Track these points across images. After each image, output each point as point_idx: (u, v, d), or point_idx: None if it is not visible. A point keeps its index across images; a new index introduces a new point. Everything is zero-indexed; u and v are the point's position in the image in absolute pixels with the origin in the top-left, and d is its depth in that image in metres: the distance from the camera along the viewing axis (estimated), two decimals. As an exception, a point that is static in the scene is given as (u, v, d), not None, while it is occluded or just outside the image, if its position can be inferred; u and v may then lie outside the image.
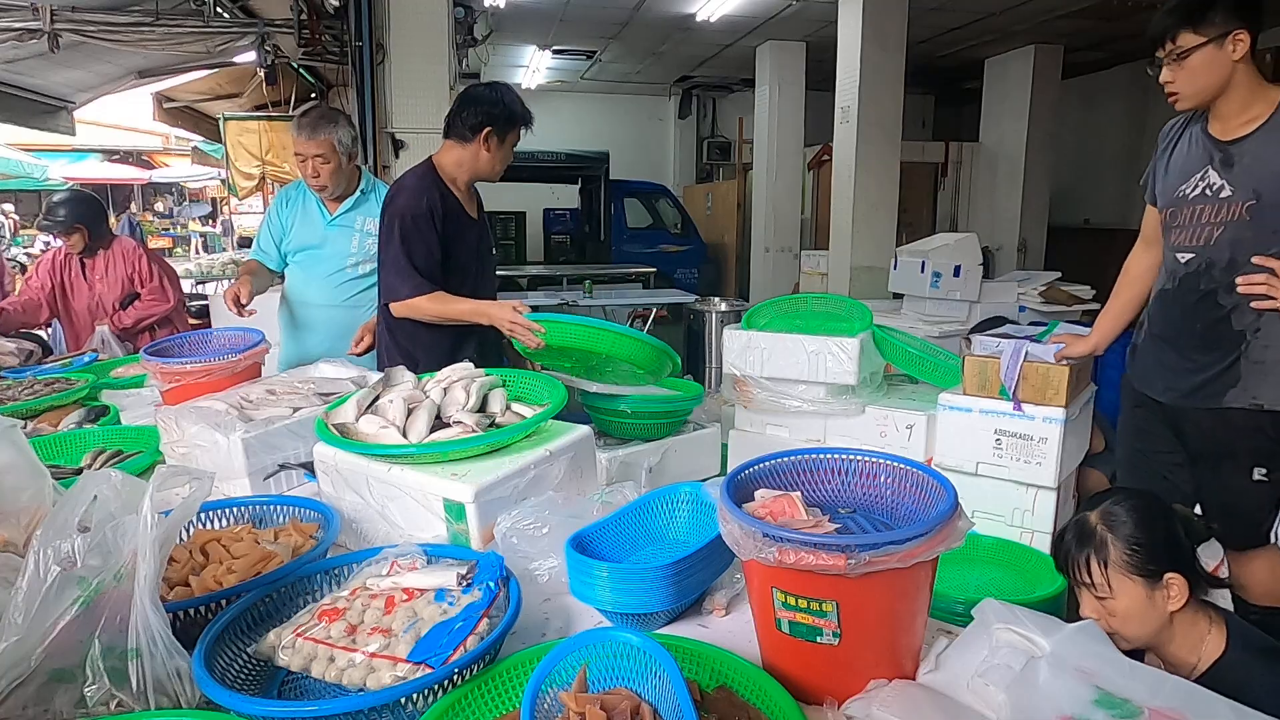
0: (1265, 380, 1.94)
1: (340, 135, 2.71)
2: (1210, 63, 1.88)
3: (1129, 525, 1.41)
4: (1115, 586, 1.39)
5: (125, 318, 3.64)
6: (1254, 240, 1.92)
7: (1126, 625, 1.39)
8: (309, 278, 2.87)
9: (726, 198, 11.58)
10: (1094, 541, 1.42)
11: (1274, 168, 1.87)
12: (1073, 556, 1.45)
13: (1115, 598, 1.39)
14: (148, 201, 15.75)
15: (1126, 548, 1.39)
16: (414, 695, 0.95)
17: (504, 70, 11.09)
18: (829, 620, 0.98)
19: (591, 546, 1.29)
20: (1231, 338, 1.97)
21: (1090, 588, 1.42)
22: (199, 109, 6.37)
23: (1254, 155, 1.91)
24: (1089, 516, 1.46)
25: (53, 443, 2.04)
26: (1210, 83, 1.91)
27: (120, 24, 4.00)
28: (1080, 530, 1.45)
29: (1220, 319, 1.99)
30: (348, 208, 2.83)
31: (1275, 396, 1.93)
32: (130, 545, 1.00)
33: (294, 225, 2.87)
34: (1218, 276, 1.99)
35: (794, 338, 3.12)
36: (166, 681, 0.97)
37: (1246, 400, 1.96)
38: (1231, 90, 1.91)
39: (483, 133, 2.32)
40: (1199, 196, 2.01)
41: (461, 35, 5.91)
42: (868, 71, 6.67)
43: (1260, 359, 1.94)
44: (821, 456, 1.22)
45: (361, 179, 2.87)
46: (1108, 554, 1.40)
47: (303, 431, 1.74)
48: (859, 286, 6.71)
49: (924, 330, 4.36)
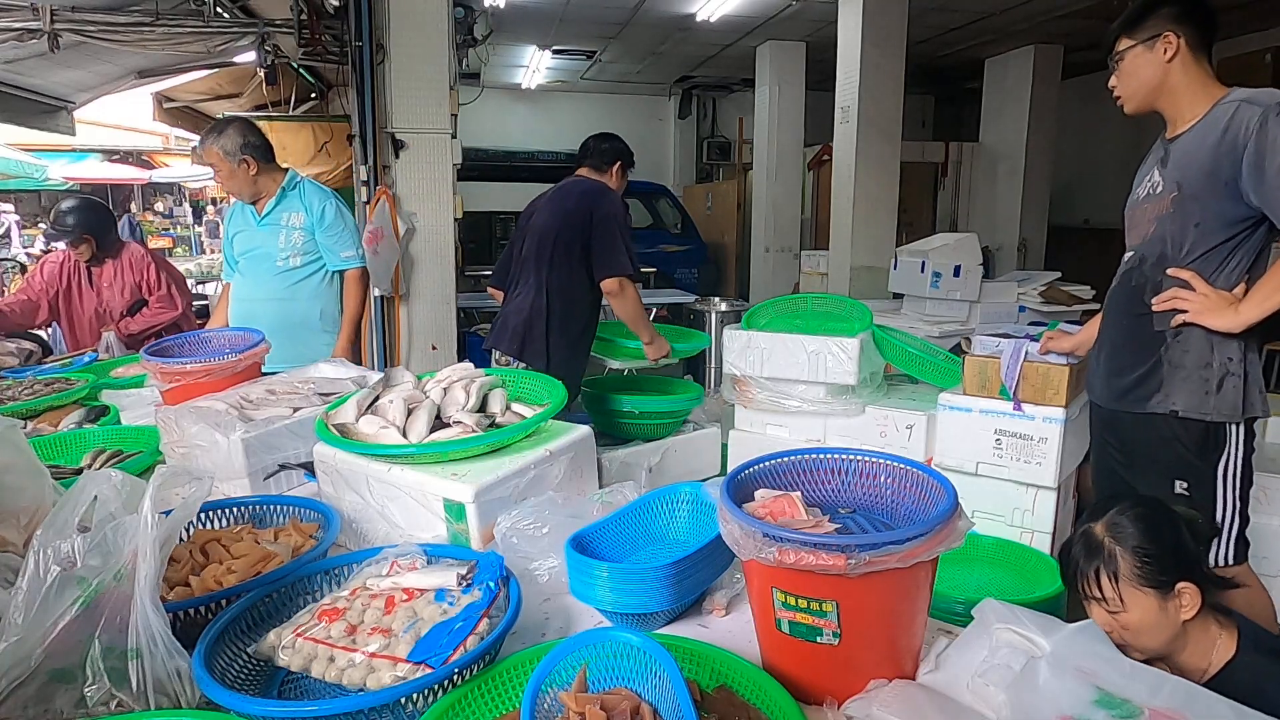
0: (1183, 386, 1.90)
1: (224, 144, 2.89)
2: (1141, 64, 1.94)
3: (1136, 536, 1.38)
4: (1127, 600, 1.36)
5: (133, 325, 3.64)
6: (1177, 233, 1.92)
7: (1139, 637, 1.36)
8: (250, 277, 3.07)
9: (726, 198, 11.57)
10: (1102, 555, 1.39)
11: (1196, 159, 1.88)
12: (1081, 571, 1.41)
13: (1128, 610, 1.36)
14: (148, 201, 15.73)
15: (1136, 560, 1.36)
16: (414, 695, 0.95)
17: (504, 70, 11.09)
18: (829, 620, 0.98)
19: (591, 546, 1.29)
20: (1153, 339, 1.95)
21: (1101, 602, 1.39)
22: (199, 109, 6.35)
23: (1182, 149, 1.93)
24: (1094, 528, 1.43)
25: (53, 443, 2.04)
26: (1143, 83, 1.95)
27: (120, 24, 4.00)
28: (1087, 543, 1.42)
29: (1142, 316, 1.98)
30: (272, 207, 3.00)
31: (1189, 403, 1.89)
32: (130, 545, 1.00)
33: (236, 234, 3.10)
34: (1147, 272, 1.99)
35: (794, 338, 3.12)
36: (166, 681, 0.97)
37: (1166, 407, 1.92)
38: (1172, 92, 1.94)
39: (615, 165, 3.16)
40: (1146, 197, 2.04)
41: (461, 35, 5.91)
42: (868, 71, 6.67)
43: (1179, 363, 1.91)
44: (821, 456, 1.22)
45: (285, 178, 3.03)
46: (1117, 567, 1.37)
47: (303, 431, 1.75)
48: (859, 286, 6.71)
49: (924, 330, 4.37)
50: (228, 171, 2.90)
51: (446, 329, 4.52)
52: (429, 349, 4.48)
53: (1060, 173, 9.26)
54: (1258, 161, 1.75)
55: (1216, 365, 1.87)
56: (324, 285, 3.08)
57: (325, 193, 3.08)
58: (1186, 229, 1.90)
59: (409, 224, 4.39)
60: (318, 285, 3.06)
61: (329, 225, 3.00)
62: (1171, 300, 1.89)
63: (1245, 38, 8.14)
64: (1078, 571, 1.42)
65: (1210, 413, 1.88)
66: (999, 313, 4.67)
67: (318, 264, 3.04)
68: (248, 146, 2.90)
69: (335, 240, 3.02)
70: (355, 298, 3.09)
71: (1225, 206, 1.83)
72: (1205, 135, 1.87)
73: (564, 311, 2.96)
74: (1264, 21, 7.73)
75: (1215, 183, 1.83)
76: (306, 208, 2.98)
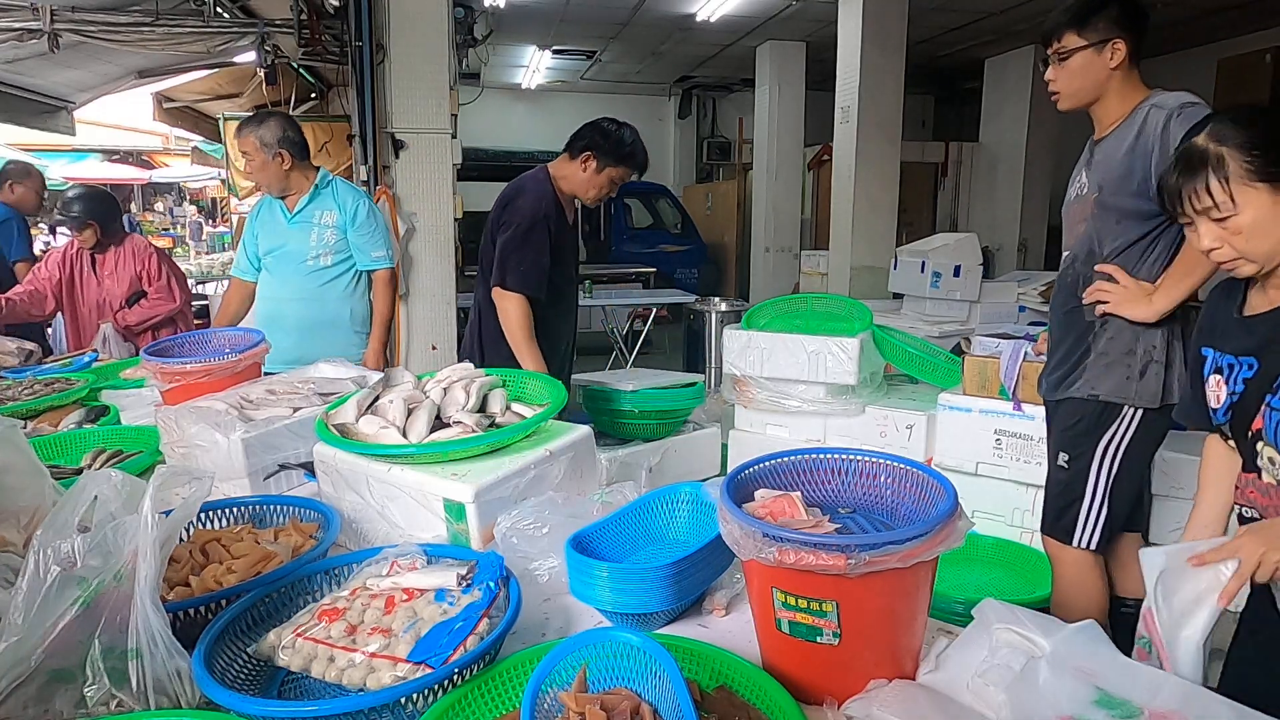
0: (1106, 373, 1.97)
1: (263, 134, 2.88)
2: (1088, 66, 1.96)
3: (1240, 134, 1.29)
4: (1239, 199, 1.28)
5: (130, 316, 3.65)
6: (1101, 231, 2.00)
7: (1253, 240, 1.29)
8: (277, 275, 3.03)
9: (726, 198, 11.58)
10: (1209, 162, 1.30)
11: (1114, 161, 1.94)
12: (1184, 189, 1.32)
13: (1240, 212, 1.28)
14: (148, 201, 15.73)
15: (1245, 155, 1.28)
16: (414, 695, 0.95)
17: (504, 70, 11.09)
18: (829, 620, 0.98)
19: (591, 546, 1.29)
20: (1083, 328, 2.02)
21: (1210, 211, 1.30)
22: (199, 109, 6.36)
23: (1104, 152, 2.00)
24: (1194, 142, 1.33)
25: (53, 443, 2.04)
26: (1086, 85, 1.98)
27: (120, 24, 4.00)
28: (1188, 159, 1.33)
29: (1075, 309, 2.05)
30: (304, 204, 2.98)
31: (1111, 388, 1.96)
32: (130, 545, 1.00)
33: (262, 231, 3.06)
34: (1078, 269, 2.06)
35: (794, 338, 3.12)
36: (166, 681, 0.97)
37: (1086, 391, 1.99)
38: (1107, 96, 1.98)
39: (583, 155, 2.66)
40: (1075, 198, 2.11)
41: (461, 35, 5.92)
42: (868, 71, 6.67)
43: (1105, 351, 1.98)
44: (821, 456, 1.21)
45: (318, 176, 3.01)
46: (1226, 170, 1.28)
47: (303, 431, 1.74)
48: (859, 286, 6.71)
49: (924, 330, 4.37)
50: (260, 162, 2.88)
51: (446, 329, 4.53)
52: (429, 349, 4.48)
53: (1060, 173, 9.25)
54: (1161, 163, 1.80)
55: (1140, 353, 1.94)
56: (354, 285, 3.06)
57: (358, 192, 3.07)
58: (1109, 227, 1.98)
59: (409, 224, 4.39)
60: (348, 285, 3.04)
61: (361, 224, 2.97)
62: (1095, 293, 1.97)
63: (1245, 38, 8.14)
64: (1179, 192, 1.33)
65: (1130, 397, 1.95)
66: (999, 313, 4.68)
67: (348, 264, 3.01)
68: (285, 140, 2.90)
69: (367, 240, 2.99)
70: (385, 299, 3.06)
71: (1141, 205, 1.89)
72: (1123, 138, 1.93)
73: (496, 326, 2.69)
74: (1264, 21, 7.74)
75: (1130, 184, 1.90)
76: (340, 206, 2.96)
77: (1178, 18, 7.80)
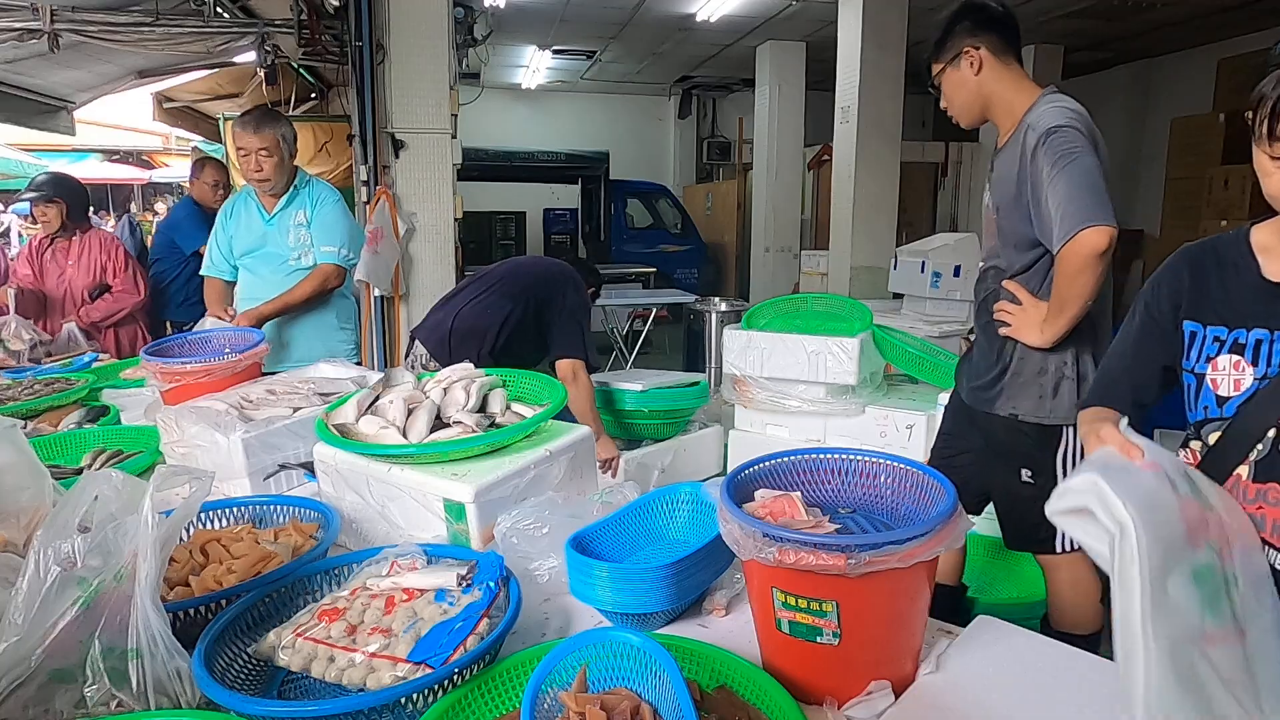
0: (1022, 392, 1.94)
1: (284, 131, 2.89)
2: (955, 84, 2.00)
3: None
4: None
5: (94, 311, 3.70)
6: (1003, 248, 1.98)
7: None
8: (256, 277, 3.00)
9: (726, 198, 11.59)
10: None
11: (1005, 181, 1.91)
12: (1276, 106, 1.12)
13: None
14: (147, 201, 15.73)
15: None
16: (414, 695, 0.95)
17: (504, 70, 11.09)
18: (829, 620, 0.98)
19: (591, 546, 1.29)
20: (1000, 344, 1.99)
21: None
22: (199, 109, 6.36)
23: (998, 171, 1.98)
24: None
25: (53, 443, 2.04)
26: (964, 100, 2.00)
27: (120, 24, 4.00)
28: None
29: (990, 323, 2.02)
30: (284, 205, 2.97)
31: (1029, 409, 1.93)
32: (130, 545, 1.00)
33: (236, 232, 3.02)
34: (990, 283, 2.04)
35: (794, 338, 3.12)
36: (166, 682, 0.97)
37: (1008, 410, 1.96)
38: (993, 104, 1.98)
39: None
40: (985, 209, 2.10)
41: (461, 35, 5.91)
42: (868, 71, 6.67)
43: (1018, 371, 1.95)
44: (821, 456, 1.22)
45: (296, 176, 3.00)
46: None
47: (303, 431, 1.74)
48: (859, 286, 6.71)
49: (924, 330, 4.36)
50: (277, 159, 2.85)
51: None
52: (429, 349, 4.46)
53: (1060, 173, 9.25)
54: (1034, 194, 1.80)
55: (1051, 371, 1.91)
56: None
57: (330, 190, 3.05)
58: (1008, 246, 1.97)
59: (409, 224, 4.39)
60: None
61: (321, 218, 2.94)
62: (1000, 313, 1.96)
63: (1245, 38, 8.14)
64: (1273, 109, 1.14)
65: (1046, 416, 1.92)
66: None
67: None
68: (292, 140, 2.94)
69: (321, 233, 2.93)
70: (307, 285, 2.88)
71: (1029, 231, 1.87)
72: (1011, 160, 1.90)
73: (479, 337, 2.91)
74: (1264, 21, 7.74)
75: (1020, 208, 1.87)
76: (310, 202, 2.97)
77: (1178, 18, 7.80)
